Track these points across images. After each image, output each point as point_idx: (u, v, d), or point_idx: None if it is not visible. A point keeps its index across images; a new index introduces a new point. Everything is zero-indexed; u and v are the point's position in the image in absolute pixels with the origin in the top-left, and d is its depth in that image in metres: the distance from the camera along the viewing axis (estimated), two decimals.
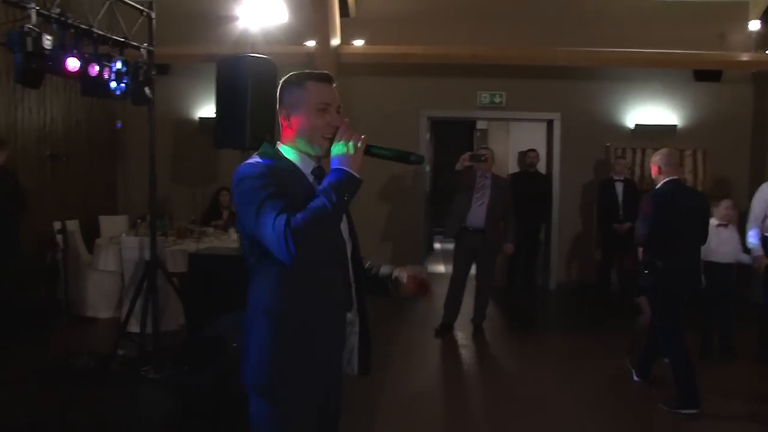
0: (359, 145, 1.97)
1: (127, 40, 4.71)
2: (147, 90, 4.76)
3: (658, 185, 4.62)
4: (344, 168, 1.93)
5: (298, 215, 1.85)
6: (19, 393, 4.65)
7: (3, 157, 6.08)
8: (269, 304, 2.00)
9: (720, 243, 5.68)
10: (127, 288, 6.24)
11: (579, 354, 5.98)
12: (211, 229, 7.52)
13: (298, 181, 2.02)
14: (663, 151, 4.70)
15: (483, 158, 6.32)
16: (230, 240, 6.91)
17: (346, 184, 1.91)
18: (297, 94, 2.03)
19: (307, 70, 2.09)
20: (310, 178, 2.06)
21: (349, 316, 2.13)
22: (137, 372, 4.90)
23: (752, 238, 5.77)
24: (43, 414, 4.25)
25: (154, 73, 4.88)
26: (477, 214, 6.33)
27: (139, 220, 7.29)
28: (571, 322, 7.53)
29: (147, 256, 5.16)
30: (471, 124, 11.42)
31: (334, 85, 2.08)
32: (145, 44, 4.89)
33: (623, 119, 8.82)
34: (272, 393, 2.00)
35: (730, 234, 5.75)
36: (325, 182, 1.93)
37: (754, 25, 8.36)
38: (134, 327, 5.48)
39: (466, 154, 6.26)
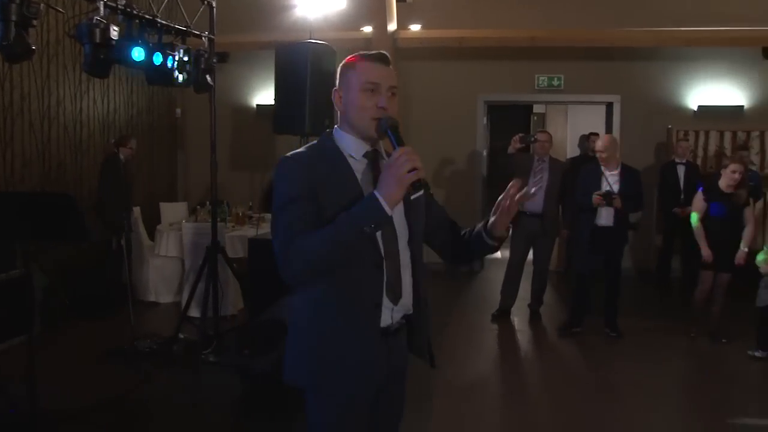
0: (409, 176, 1.78)
1: (189, 29, 4.78)
2: (208, 78, 4.83)
3: None
4: (379, 198, 1.79)
5: (301, 240, 1.81)
6: (85, 375, 4.81)
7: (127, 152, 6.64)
8: (300, 304, 2.00)
9: None
10: (188, 273, 6.38)
11: (638, 339, 5.86)
12: (269, 215, 7.62)
13: (338, 170, 1.95)
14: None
15: (533, 139, 6.25)
16: None
17: (372, 218, 1.79)
18: (348, 75, 1.97)
19: (364, 52, 2.02)
20: (361, 163, 1.98)
21: (408, 309, 2.06)
22: (198, 355, 5.02)
23: None
24: (108, 395, 4.38)
25: (214, 61, 4.95)
26: (535, 198, 6.24)
27: (198, 207, 7.44)
28: (631, 307, 7.37)
29: (207, 241, 5.25)
30: (528, 108, 11.28)
31: (390, 66, 1.98)
32: (206, 33, 4.96)
33: (686, 100, 8.56)
34: (310, 387, 2.02)
35: None
36: (352, 209, 1.82)
37: None
38: (195, 311, 5.61)
39: (517, 136, 6.21)
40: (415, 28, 8.41)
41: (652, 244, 8.50)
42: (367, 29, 8.01)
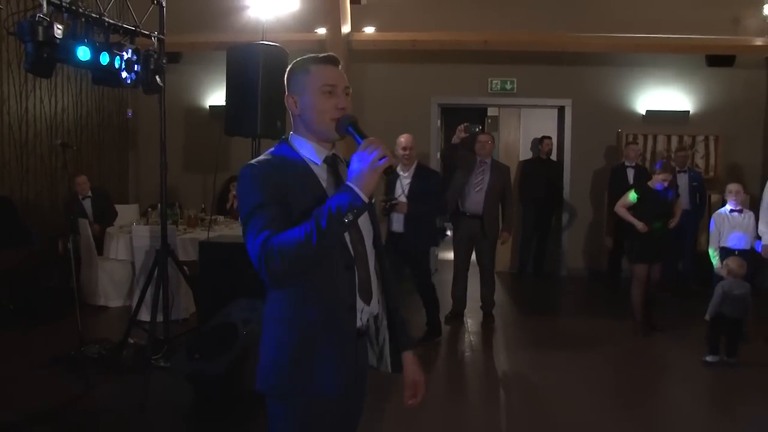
0: (380, 163, 1.81)
1: (137, 29, 4.69)
2: (158, 78, 4.74)
3: None
4: (354, 188, 1.80)
5: (279, 237, 1.78)
6: (32, 381, 4.70)
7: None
8: (275, 312, 1.97)
9: (732, 228, 5.66)
10: (138, 276, 6.27)
11: (589, 340, 5.98)
12: (221, 218, 7.54)
13: (303, 179, 1.95)
14: None
15: (478, 129, 6.27)
16: (240, 228, 6.91)
17: (350, 207, 1.79)
18: (302, 78, 1.97)
19: (311, 55, 2.03)
20: (322, 169, 1.99)
21: (374, 309, 2.07)
22: (148, 360, 4.93)
23: (763, 225, 5.73)
24: (56, 401, 4.28)
25: (164, 61, 4.86)
26: (475, 200, 6.26)
27: (149, 209, 7.32)
28: (582, 308, 7.51)
29: (158, 244, 5.16)
30: (482, 110, 11.38)
31: (340, 66, 2.01)
32: (156, 33, 4.87)
33: (635, 105, 8.75)
34: (279, 393, 1.99)
35: (743, 220, 5.71)
36: (328, 201, 1.81)
37: None
38: (145, 315, 5.51)
39: (462, 126, 6.12)
40: (368, 30, 8.43)
41: (603, 246, 8.66)
42: (321, 31, 7.99)
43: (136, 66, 4.51)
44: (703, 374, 5.14)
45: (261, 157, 1.97)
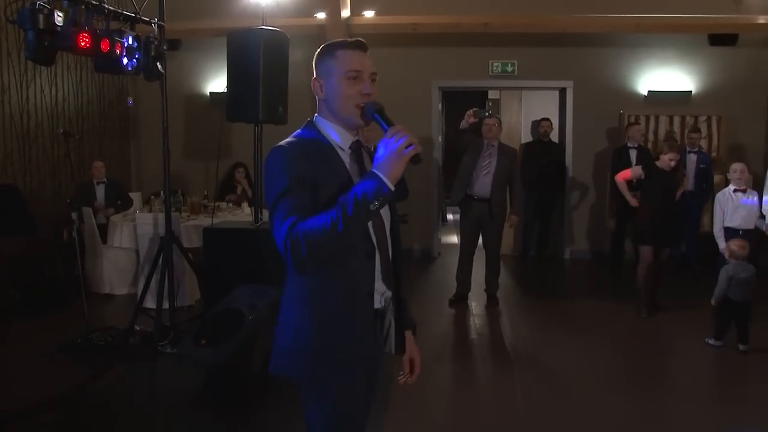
0: (407, 151, 1.81)
1: (138, 16, 4.68)
2: (159, 65, 4.74)
3: None
4: (381, 175, 1.79)
5: (305, 224, 1.77)
6: (40, 369, 4.72)
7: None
8: (294, 296, 1.98)
9: (736, 208, 5.66)
10: (143, 264, 6.29)
11: (594, 322, 6.00)
12: (224, 204, 7.56)
13: (330, 162, 1.94)
14: None
15: (488, 113, 6.27)
16: (244, 215, 6.94)
17: (377, 195, 1.78)
18: (328, 63, 1.97)
19: (340, 39, 2.02)
20: (347, 154, 2.00)
21: (386, 292, 2.08)
22: (155, 347, 4.96)
23: (766, 203, 5.74)
24: (64, 389, 4.31)
25: (165, 48, 4.86)
26: (483, 183, 6.28)
27: (152, 197, 7.33)
28: (585, 291, 7.52)
29: (161, 231, 5.18)
30: (483, 93, 11.36)
31: (367, 52, 2.00)
32: (156, 19, 4.86)
33: (636, 86, 8.71)
34: (299, 377, 2.00)
35: (747, 199, 5.70)
36: (354, 188, 1.80)
37: None
38: (150, 303, 5.53)
39: (471, 110, 6.08)
40: (368, 14, 8.37)
41: (606, 228, 8.66)
42: (321, 15, 7.95)
43: (137, 53, 4.50)
44: (710, 355, 5.16)
45: (289, 139, 1.96)
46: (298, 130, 2.01)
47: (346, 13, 7.98)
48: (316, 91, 2.01)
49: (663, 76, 8.66)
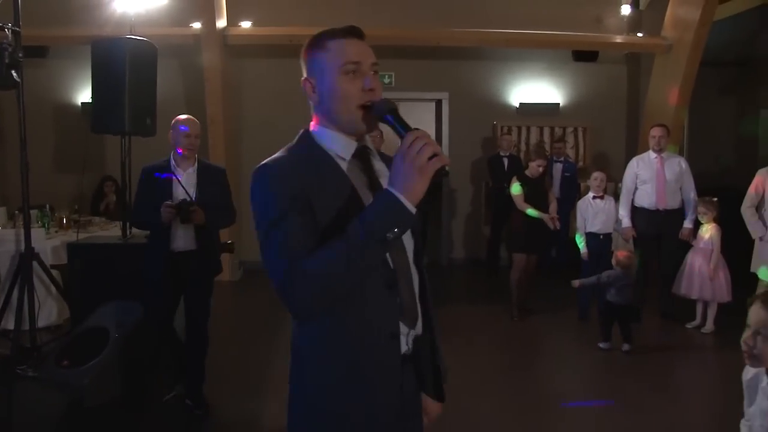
0: (431, 163, 1.46)
1: None
2: (14, 73, 4.50)
3: None
4: (398, 195, 1.44)
5: (307, 262, 1.46)
6: None
7: None
8: (305, 346, 1.65)
9: (595, 214, 6.02)
10: (4, 283, 5.94)
11: (469, 326, 6.20)
12: (97, 219, 7.26)
13: (329, 178, 1.59)
14: None
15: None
16: (116, 229, 6.68)
17: (394, 220, 1.44)
18: (319, 58, 1.64)
19: (330, 28, 1.68)
20: (352, 165, 1.64)
21: (419, 330, 1.73)
22: (13, 370, 4.69)
23: (622, 209, 6.17)
24: None
25: (21, 55, 4.62)
26: None
27: (17, 212, 6.93)
28: (462, 296, 7.73)
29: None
30: None
31: (364, 39, 1.67)
32: (11, 24, 4.62)
33: (508, 98, 9.11)
34: None
35: (605, 205, 6.06)
36: (365, 213, 1.48)
37: (626, 10, 8.89)
38: (10, 324, 5.22)
39: None
40: (245, 24, 8.31)
41: (482, 235, 8.96)
42: (197, 26, 7.81)
43: None
44: (579, 354, 5.48)
45: (277, 155, 1.63)
46: (289, 144, 1.68)
47: (222, 23, 7.87)
48: (309, 94, 1.68)
49: (533, 89, 9.10)
